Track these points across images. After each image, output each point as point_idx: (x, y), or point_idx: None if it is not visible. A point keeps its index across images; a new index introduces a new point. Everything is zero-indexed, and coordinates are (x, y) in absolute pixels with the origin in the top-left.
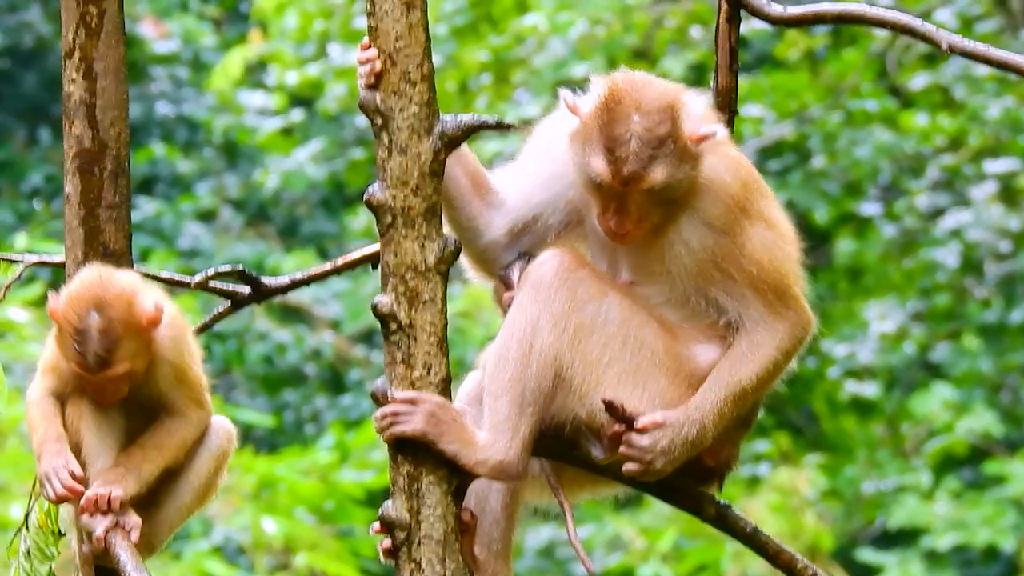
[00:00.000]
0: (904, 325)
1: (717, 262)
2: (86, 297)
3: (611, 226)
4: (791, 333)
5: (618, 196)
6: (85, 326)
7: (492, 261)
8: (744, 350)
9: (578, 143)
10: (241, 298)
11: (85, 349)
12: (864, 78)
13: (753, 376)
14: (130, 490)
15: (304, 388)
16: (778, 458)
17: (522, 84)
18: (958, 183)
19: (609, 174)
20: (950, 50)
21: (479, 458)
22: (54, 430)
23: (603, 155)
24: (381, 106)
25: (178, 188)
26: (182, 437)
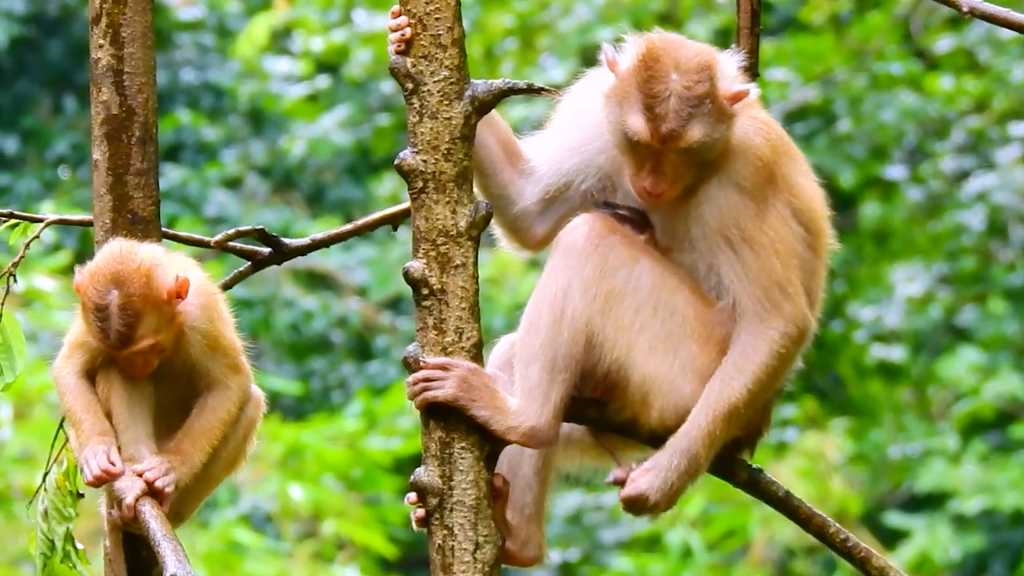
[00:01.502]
0: (930, 288)
1: (739, 223)
2: (106, 273)
3: (646, 187)
4: (785, 333)
5: (654, 156)
6: (106, 302)
7: (525, 230)
8: (735, 361)
9: (614, 102)
10: (261, 258)
11: (106, 326)
12: (889, 41)
13: (744, 391)
14: (183, 480)
15: (331, 355)
16: (805, 423)
17: (547, 49)
18: (983, 146)
19: (648, 132)
20: (970, 13)
21: (510, 424)
22: (99, 425)
23: (642, 113)
24: (412, 71)
25: (204, 155)
26: (227, 411)
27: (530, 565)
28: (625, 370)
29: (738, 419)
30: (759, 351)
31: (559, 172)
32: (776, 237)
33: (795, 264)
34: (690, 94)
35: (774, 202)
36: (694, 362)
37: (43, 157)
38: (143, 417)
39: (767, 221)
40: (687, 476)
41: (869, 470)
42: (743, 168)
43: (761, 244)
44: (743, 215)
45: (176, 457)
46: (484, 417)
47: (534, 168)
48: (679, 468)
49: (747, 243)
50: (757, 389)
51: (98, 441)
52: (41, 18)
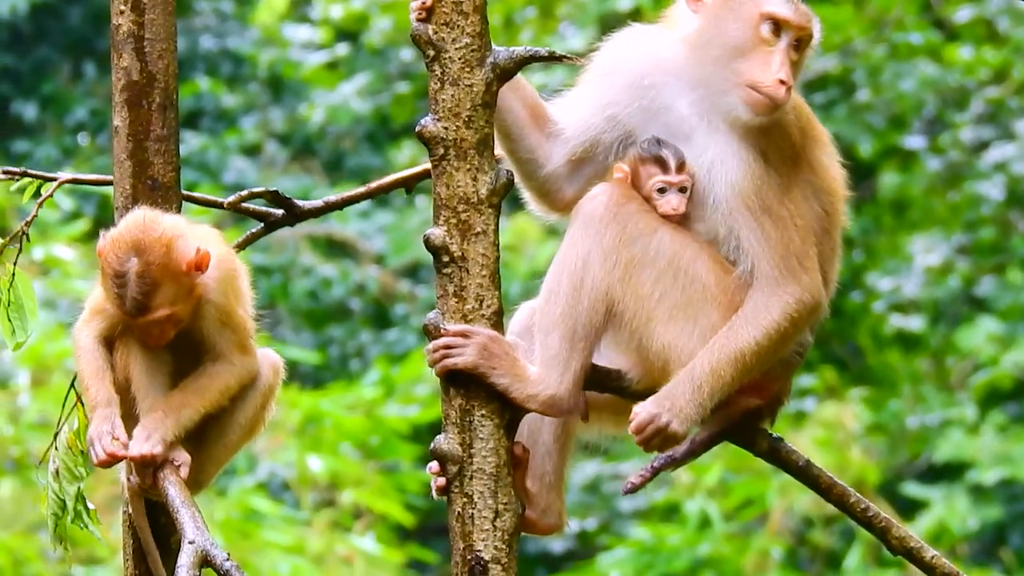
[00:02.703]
0: (949, 258)
1: (760, 192)
2: (127, 240)
3: (781, 77)
4: (801, 299)
5: (785, 46)
6: (124, 269)
7: (554, 192)
8: (748, 313)
9: (734, 2)
10: (274, 220)
11: (124, 293)
12: (908, 11)
13: (752, 340)
14: (168, 436)
15: (349, 323)
16: (824, 393)
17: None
18: (1003, 116)
19: (792, 9)
20: None
21: (530, 392)
22: (104, 392)
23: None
24: (433, 38)
25: (223, 122)
26: (225, 383)
27: (550, 533)
28: (645, 338)
29: (744, 367)
30: (772, 309)
31: (587, 130)
32: (796, 212)
33: (813, 241)
34: (807, 6)
35: (797, 179)
36: (714, 330)
37: (63, 123)
38: (162, 386)
39: (789, 195)
40: (694, 403)
41: (887, 440)
42: (774, 138)
43: (780, 216)
44: (765, 185)
45: (159, 414)
46: (504, 385)
47: (561, 130)
48: (685, 394)
49: (767, 213)
50: (765, 344)
51: (102, 415)
52: None
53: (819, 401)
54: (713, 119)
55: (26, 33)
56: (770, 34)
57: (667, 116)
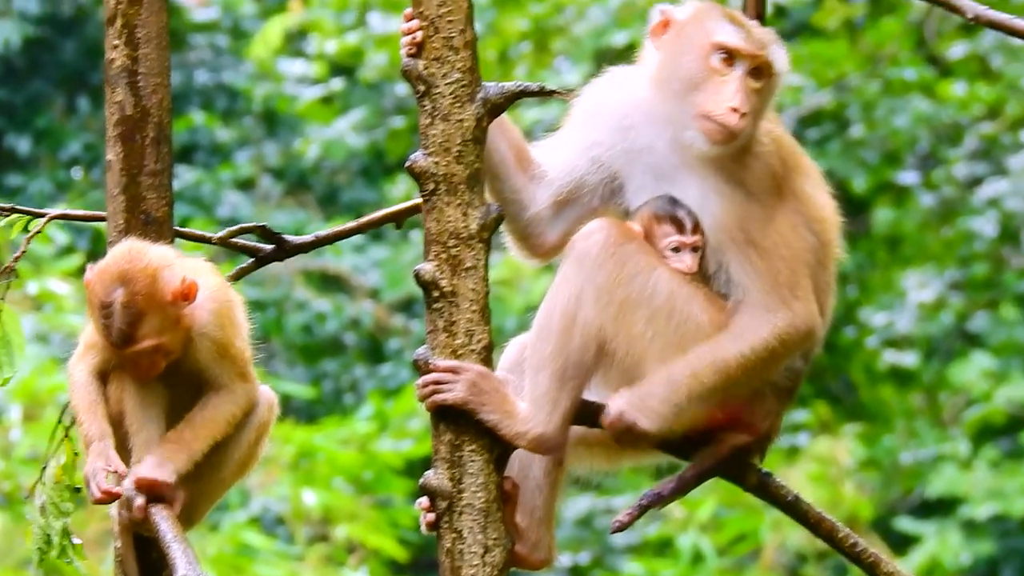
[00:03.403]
0: (942, 294)
1: (743, 225)
2: (113, 271)
3: (734, 105)
4: (792, 323)
5: (739, 76)
6: (110, 300)
7: (537, 236)
8: (736, 330)
9: (686, 35)
10: (264, 255)
11: (110, 323)
12: (903, 47)
13: (738, 353)
14: (181, 469)
15: (343, 357)
16: (817, 428)
17: (562, 52)
18: (996, 152)
19: (742, 37)
20: (975, 20)
21: (519, 430)
22: (97, 427)
23: (730, 24)
24: (423, 73)
25: (218, 157)
26: (230, 412)
27: (539, 568)
28: (637, 378)
29: (726, 377)
30: (761, 328)
31: (571, 173)
32: (783, 242)
33: (805, 271)
34: (769, 32)
35: (783, 210)
36: None
37: (56, 157)
38: (156, 419)
39: (774, 225)
40: (669, 404)
41: (880, 475)
42: (753, 170)
43: (766, 248)
44: (748, 217)
45: (173, 446)
46: (493, 421)
47: (545, 172)
48: (660, 393)
49: (752, 245)
50: (751, 357)
51: (96, 450)
52: (55, 18)
53: (812, 436)
54: (687, 156)
55: (20, 67)
56: (722, 64)
57: (650, 157)
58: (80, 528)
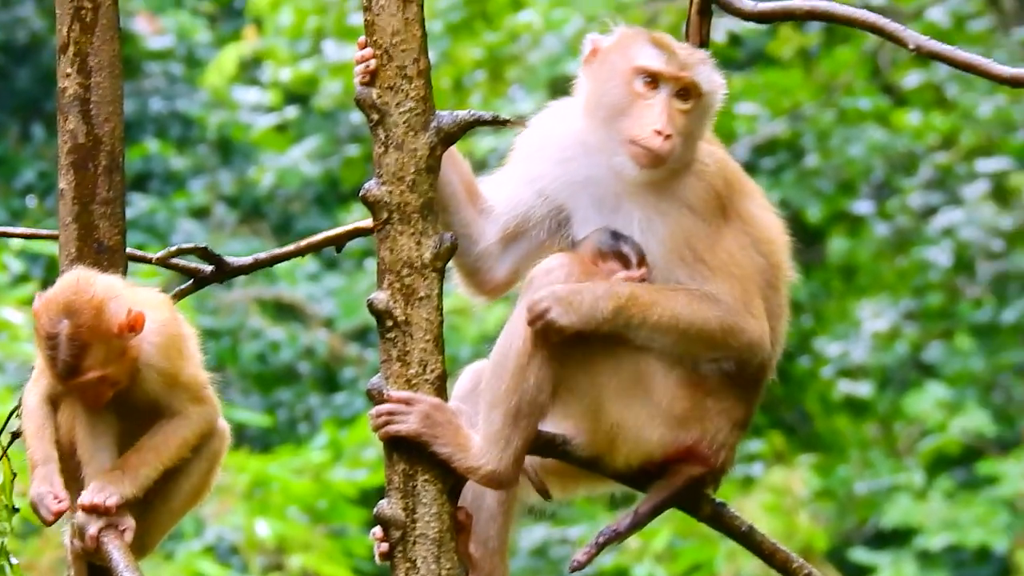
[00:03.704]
0: (897, 324)
1: (691, 243)
2: (59, 302)
3: (658, 128)
4: (741, 326)
5: (664, 99)
6: (56, 331)
7: (485, 271)
8: (694, 293)
9: (610, 62)
10: (204, 276)
11: (55, 354)
12: (857, 76)
13: (671, 309)
14: (126, 493)
15: (297, 386)
16: (771, 458)
17: (517, 81)
18: (950, 182)
19: (664, 59)
20: (917, 50)
21: (471, 465)
22: (42, 451)
23: (652, 47)
24: (377, 102)
25: (172, 185)
26: (183, 437)
27: None
28: (594, 415)
29: (655, 320)
30: (714, 308)
31: (517, 207)
32: (732, 261)
33: (756, 291)
34: (695, 49)
35: (728, 229)
36: (661, 406)
37: (10, 185)
38: (107, 448)
39: (721, 244)
40: (589, 305)
41: (835, 505)
42: (695, 190)
43: (714, 266)
44: (695, 235)
45: (117, 472)
46: (446, 454)
47: (492, 206)
48: (588, 299)
49: (702, 263)
50: (686, 321)
51: (41, 475)
52: (9, 46)
53: (767, 466)
54: (626, 183)
55: None
56: (645, 88)
57: (592, 187)
58: (34, 557)
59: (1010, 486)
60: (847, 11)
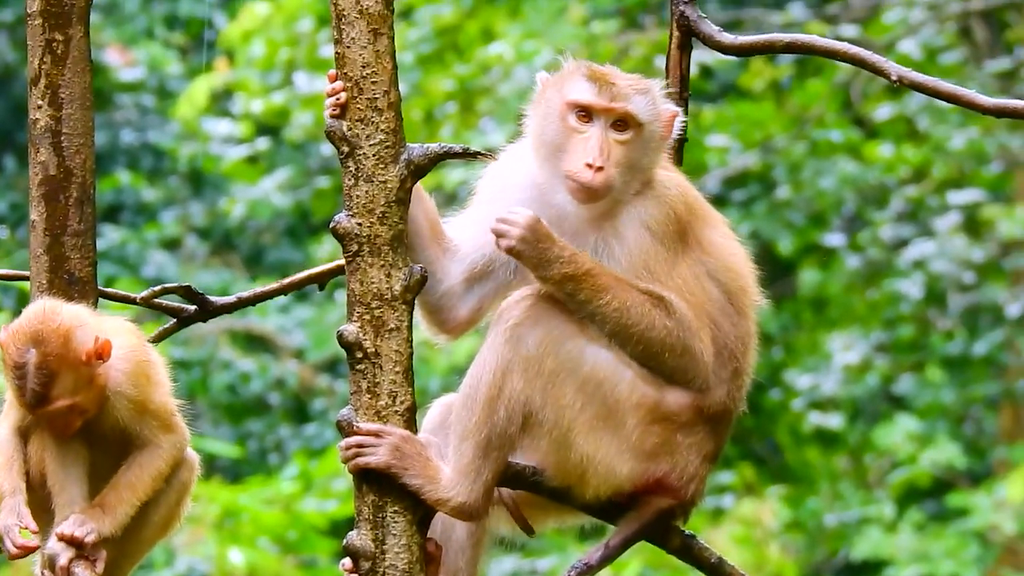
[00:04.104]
0: (868, 356)
1: (648, 265)
2: (26, 331)
3: (589, 161)
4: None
5: (596, 132)
6: (24, 360)
7: (448, 310)
8: (653, 297)
9: (547, 99)
10: (187, 316)
11: (23, 384)
12: (829, 108)
13: (633, 308)
14: (105, 531)
15: (268, 417)
16: (742, 490)
17: (488, 113)
18: (922, 214)
19: (595, 92)
20: (899, 82)
21: (441, 497)
22: (11, 482)
23: (585, 81)
24: (347, 134)
25: (143, 216)
26: (156, 469)
27: None
28: (564, 448)
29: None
30: (660, 319)
31: (482, 248)
32: (686, 288)
33: (706, 323)
34: (634, 79)
35: (685, 257)
36: (631, 439)
37: None
38: (78, 478)
39: (676, 270)
40: (551, 253)
41: (805, 537)
42: (655, 213)
43: (670, 288)
44: (651, 258)
45: (97, 510)
46: (416, 486)
47: (458, 247)
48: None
49: (658, 284)
50: (633, 319)
51: (8, 507)
52: None
53: (737, 498)
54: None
55: None
56: (579, 122)
57: (557, 228)
58: None
59: (980, 518)
60: (828, 43)
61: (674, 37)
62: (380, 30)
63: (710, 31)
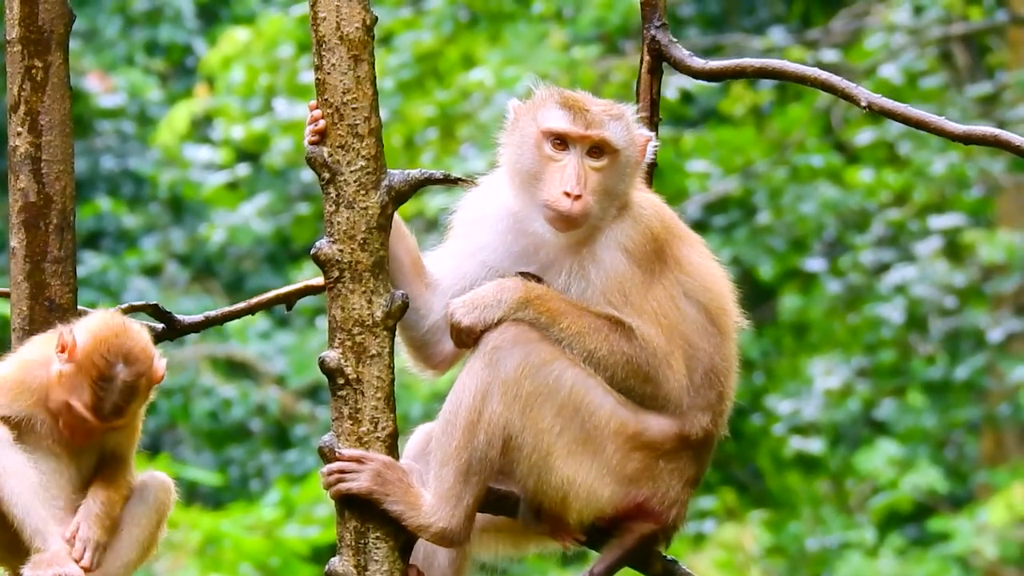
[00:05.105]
0: (849, 381)
1: (623, 288)
2: (117, 345)
3: (567, 189)
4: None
5: (574, 158)
6: (112, 375)
7: (433, 344)
8: (611, 322)
9: (521, 128)
10: (155, 334)
11: (105, 396)
12: (810, 134)
13: (588, 334)
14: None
15: (249, 444)
16: (723, 514)
17: (468, 139)
18: (903, 239)
19: (570, 120)
20: (869, 108)
21: (422, 523)
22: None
23: (559, 108)
24: (328, 160)
25: (124, 243)
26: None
27: None
28: (544, 472)
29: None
30: (619, 345)
31: (463, 278)
32: (660, 311)
33: (678, 344)
34: (608, 106)
35: (661, 278)
36: (612, 464)
37: None
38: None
39: (652, 292)
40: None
41: (787, 562)
42: (632, 234)
43: (642, 311)
44: (627, 281)
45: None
46: (397, 512)
47: (439, 280)
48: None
49: (630, 307)
50: (590, 346)
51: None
52: None
53: (719, 523)
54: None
55: None
56: (554, 150)
57: (535, 256)
58: None
59: (962, 543)
60: (798, 69)
61: (645, 61)
62: (360, 56)
63: (680, 55)
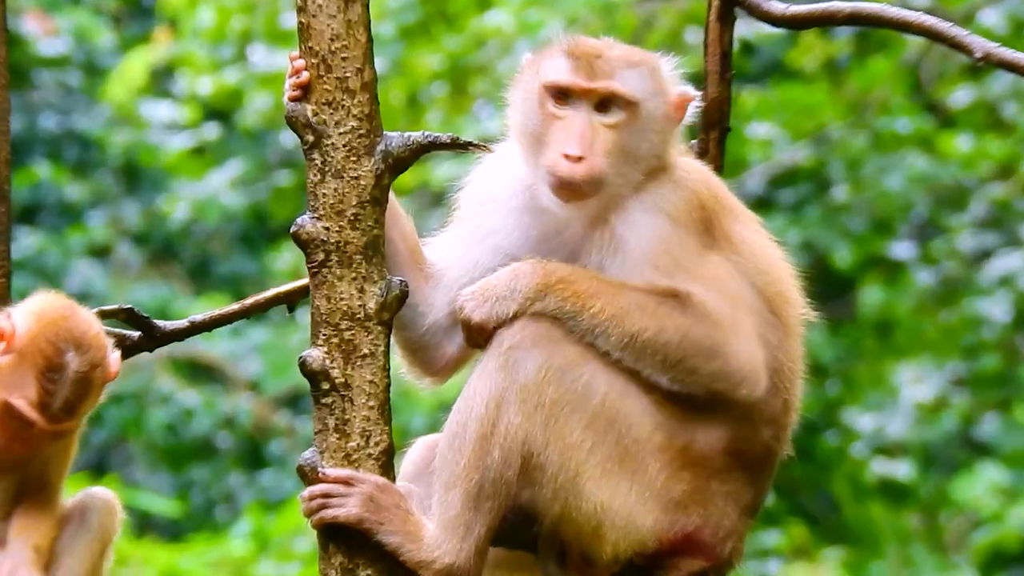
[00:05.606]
0: (943, 392)
1: (671, 251)
2: (67, 329)
3: (566, 151)
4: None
5: (577, 115)
6: (62, 363)
7: (434, 347)
8: (656, 294)
9: (524, 83)
10: (130, 344)
11: (54, 390)
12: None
13: (631, 311)
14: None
15: (215, 463)
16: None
17: (483, 96)
18: (1008, 220)
19: (571, 70)
20: (985, 60)
21: (424, 558)
22: None
23: (563, 58)
24: (312, 120)
25: (66, 218)
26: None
27: None
28: (573, 497)
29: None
30: (670, 318)
31: (473, 268)
32: (718, 275)
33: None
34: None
35: (713, 254)
36: (654, 485)
37: None
38: None
39: (707, 258)
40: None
41: None
42: (674, 199)
43: (701, 275)
44: (675, 244)
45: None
46: (394, 544)
47: (443, 272)
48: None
49: (683, 270)
50: (635, 325)
51: None
52: None
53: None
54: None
55: None
56: (557, 107)
57: (557, 237)
58: None
59: None
60: (899, 14)
61: (714, 6)
62: None
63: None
